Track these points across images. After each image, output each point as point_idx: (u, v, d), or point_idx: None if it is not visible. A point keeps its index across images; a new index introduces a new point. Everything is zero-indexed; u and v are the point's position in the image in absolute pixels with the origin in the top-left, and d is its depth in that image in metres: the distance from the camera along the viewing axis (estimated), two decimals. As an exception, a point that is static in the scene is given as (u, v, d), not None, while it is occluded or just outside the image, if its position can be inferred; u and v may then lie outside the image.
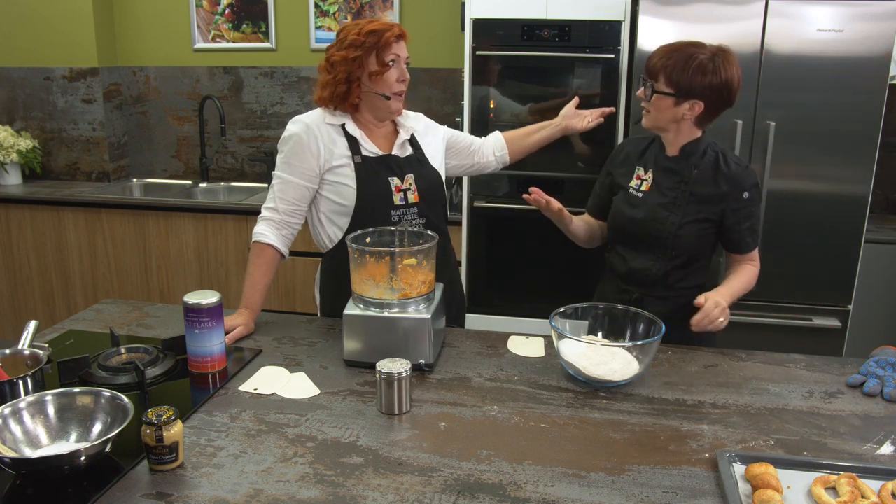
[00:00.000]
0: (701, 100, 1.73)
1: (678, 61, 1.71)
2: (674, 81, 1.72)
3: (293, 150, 1.84)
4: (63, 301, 3.69)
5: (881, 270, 3.01)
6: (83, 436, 1.28)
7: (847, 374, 1.62)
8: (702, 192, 1.81)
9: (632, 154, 1.94)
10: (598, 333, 1.71)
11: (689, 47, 1.73)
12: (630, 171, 1.92)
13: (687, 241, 1.82)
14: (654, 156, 1.88)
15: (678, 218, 1.81)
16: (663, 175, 1.85)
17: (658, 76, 1.75)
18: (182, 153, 4.09)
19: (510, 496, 1.15)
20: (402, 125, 1.97)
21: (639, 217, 1.85)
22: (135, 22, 3.95)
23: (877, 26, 2.67)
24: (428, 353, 1.58)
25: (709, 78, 1.70)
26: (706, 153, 1.82)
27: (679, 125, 1.80)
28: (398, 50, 1.83)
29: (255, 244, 1.85)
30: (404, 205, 1.88)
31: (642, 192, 1.87)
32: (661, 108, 1.77)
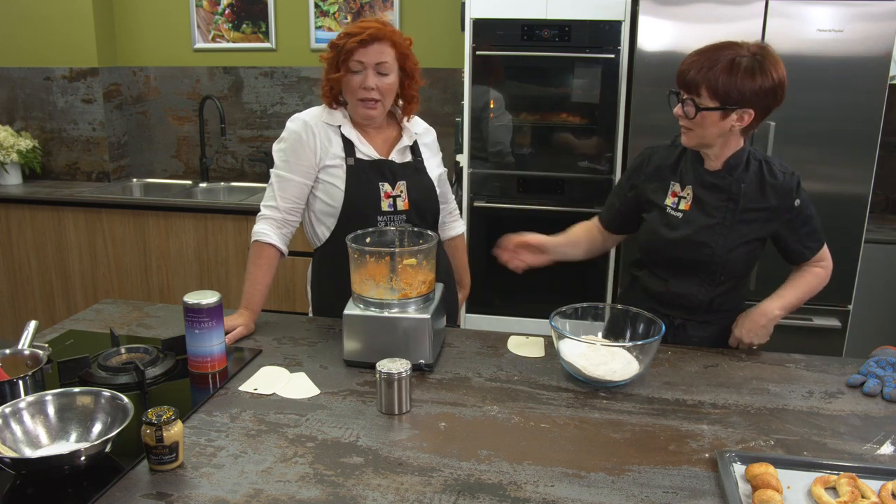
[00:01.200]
0: (751, 107, 1.57)
1: (720, 69, 1.53)
2: (720, 93, 1.54)
3: (292, 148, 1.84)
4: (63, 301, 3.69)
5: (881, 270, 3.01)
6: (83, 436, 1.27)
7: (847, 374, 1.62)
8: (751, 209, 1.66)
9: (663, 167, 1.75)
10: (598, 333, 1.70)
11: (726, 50, 1.55)
12: (663, 187, 1.74)
13: (736, 264, 1.69)
14: (692, 170, 1.70)
15: (728, 241, 1.67)
16: (707, 192, 1.68)
17: (699, 89, 1.55)
18: (182, 153, 4.09)
19: (510, 496, 1.15)
20: (407, 130, 1.93)
21: (680, 239, 1.68)
22: (135, 22, 3.95)
23: (877, 26, 2.67)
24: (428, 353, 1.58)
25: (759, 81, 1.54)
26: (749, 163, 1.67)
27: (726, 138, 1.63)
28: (364, 56, 1.75)
29: (256, 243, 1.85)
30: (392, 211, 1.85)
31: (682, 211, 1.69)
32: (707, 125, 1.59)
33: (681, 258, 1.71)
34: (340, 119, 1.87)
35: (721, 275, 1.71)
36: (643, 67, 2.85)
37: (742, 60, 1.54)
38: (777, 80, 1.57)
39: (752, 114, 1.58)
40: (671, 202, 1.72)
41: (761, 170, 1.68)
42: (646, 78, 2.86)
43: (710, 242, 1.68)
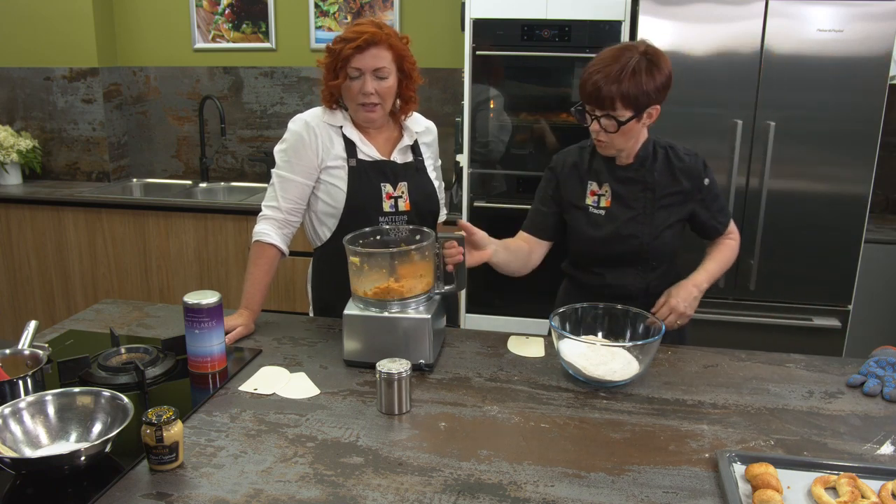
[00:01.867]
0: (657, 103, 1.67)
1: (626, 79, 1.59)
2: (631, 101, 1.62)
3: (294, 148, 1.84)
4: (63, 301, 3.69)
5: (881, 270, 3.01)
6: (83, 436, 1.28)
7: (847, 374, 1.61)
8: (667, 195, 1.76)
9: (578, 169, 1.81)
10: (598, 333, 1.70)
11: (621, 59, 1.61)
12: (580, 187, 1.81)
13: (664, 248, 1.79)
14: (606, 168, 1.78)
15: (652, 229, 1.76)
16: (623, 187, 1.76)
17: (614, 104, 1.62)
18: (182, 153, 4.09)
19: (510, 496, 1.15)
20: (408, 129, 1.93)
21: (608, 236, 1.77)
22: (135, 22, 3.95)
23: (877, 26, 2.67)
24: (428, 353, 1.58)
25: (658, 79, 1.63)
26: (656, 152, 1.77)
27: (638, 138, 1.74)
28: (361, 62, 1.75)
29: (257, 243, 1.85)
30: (394, 212, 1.86)
31: (603, 208, 1.78)
32: (627, 132, 1.68)
33: (612, 253, 1.79)
34: (342, 120, 1.87)
35: (652, 261, 1.80)
36: (643, 67, 2.85)
37: (640, 63, 1.61)
38: (669, 71, 1.66)
39: (658, 109, 1.69)
40: (591, 201, 1.80)
41: (668, 156, 1.77)
42: (646, 78, 2.85)
43: (637, 233, 1.76)
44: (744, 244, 2.89)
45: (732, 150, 2.82)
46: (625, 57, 1.61)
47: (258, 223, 1.87)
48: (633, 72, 1.60)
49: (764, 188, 2.83)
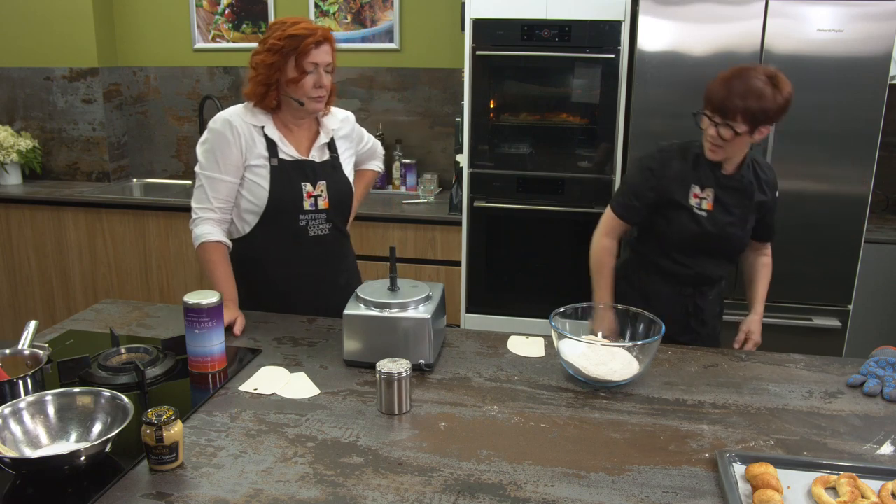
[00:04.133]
0: (773, 123, 1.82)
1: (752, 98, 1.75)
2: (751, 117, 1.76)
3: (220, 148, 1.88)
4: (63, 301, 3.69)
5: (881, 270, 3.01)
6: (83, 436, 1.28)
7: (847, 374, 1.61)
8: (755, 202, 1.95)
9: (684, 172, 1.94)
10: (598, 333, 1.70)
11: (752, 78, 1.77)
12: (685, 189, 1.93)
13: (745, 246, 2.03)
14: (711, 174, 1.92)
15: (742, 232, 1.96)
16: (725, 193, 1.92)
17: (735, 117, 1.77)
18: (182, 153, 4.09)
19: (510, 496, 1.15)
20: (324, 126, 2.00)
21: (709, 235, 1.92)
22: (135, 22, 3.95)
23: (877, 26, 2.67)
24: (428, 353, 1.58)
25: (778, 101, 1.77)
26: (749, 164, 1.94)
27: (745, 149, 1.90)
28: (317, 57, 1.83)
29: (205, 244, 1.89)
30: (313, 210, 1.94)
31: (705, 210, 1.92)
32: (739, 143, 1.83)
33: (709, 248, 1.96)
34: (263, 119, 1.91)
35: (734, 255, 2.04)
36: (643, 67, 2.85)
37: (766, 88, 1.77)
38: (789, 96, 1.80)
39: (770, 128, 1.85)
40: (694, 202, 1.93)
41: (755, 168, 1.96)
42: (646, 78, 2.86)
43: (735, 235, 1.96)
44: (744, 244, 2.91)
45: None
46: (752, 76, 1.78)
47: (196, 226, 1.91)
48: (759, 93, 1.76)
49: (764, 188, 2.83)
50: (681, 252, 1.98)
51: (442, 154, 3.82)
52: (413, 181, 3.74)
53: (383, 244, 3.30)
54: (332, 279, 2.02)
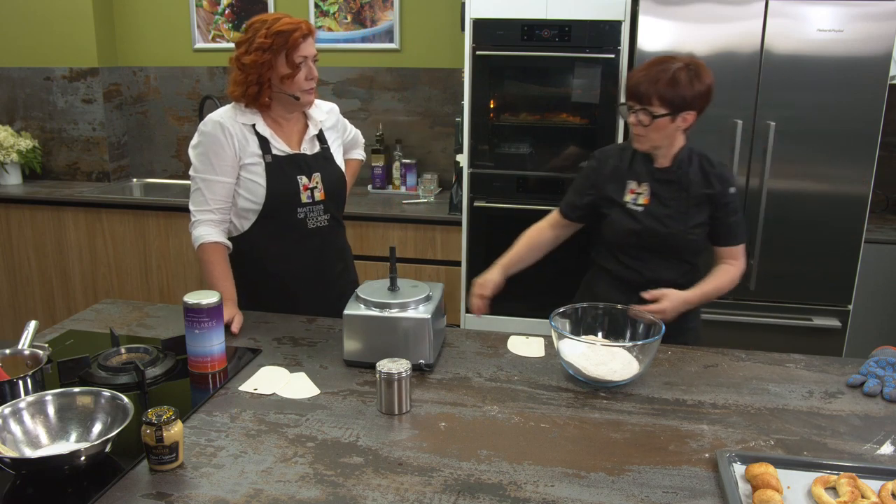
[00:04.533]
0: (693, 109, 1.81)
1: (666, 80, 1.77)
2: (667, 100, 1.77)
3: (213, 150, 1.88)
4: (63, 301, 3.69)
5: (881, 270, 3.01)
6: (83, 436, 1.28)
7: (847, 374, 1.61)
8: (698, 196, 1.88)
9: (620, 168, 1.95)
10: (598, 333, 1.70)
11: (666, 63, 1.80)
12: (621, 186, 1.93)
13: (694, 245, 1.91)
14: (645, 168, 1.91)
15: (684, 225, 1.88)
16: (660, 186, 1.90)
17: (651, 100, 1.78)
18: (182, 153, 4.09)
19: (510, 496, 1.15)
20: (312, 119, 2.01)
21: (645, 229, 1.89)
22: (135, 22, 3.94)
23: (877, 26, 2.67)
24: (428, 353, 1.58)
25: (696, 87, 1.78)
26: (692, 158, 1.90)
27: (672, 139, 1.86)
28: (306, 50, 1.86)
29: (204, 245, 1.89)
30: (311, 202, 1.96)
31: (641, 205, 1.90)
32: (660, 128, 1.81)
33: (646, 245, 1.92)
34: (252, 118, 1.92)
35: (684, 254, 1.93)
36: (643, 67, 2.85)
37: (682, 72, 1.78)
38: (709, 84, 1.82)
39: (694, 115, 1.83)
40: (630, 199, 1.92)
41: (702, 162, 1.91)
42: (646, 78, 2.85)
43: (673, 228, 1.89)
44: (744, 244, 2.91)
45: (732, 150, 2.82)
46: (668, 62, 1.80)
47: (195, 228, 1.90)
48: (674, 74, 1.77)
49: (764, 188, 2.83)
50: (627, 254, 1.95)
51: (442, 154, 3.82)
52: (413, 181, 3.74)
53: (383, 244, 3.30)
54: (331, 270, 2.03)
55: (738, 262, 1.96)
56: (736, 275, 1.96)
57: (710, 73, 1.82)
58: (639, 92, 1.80)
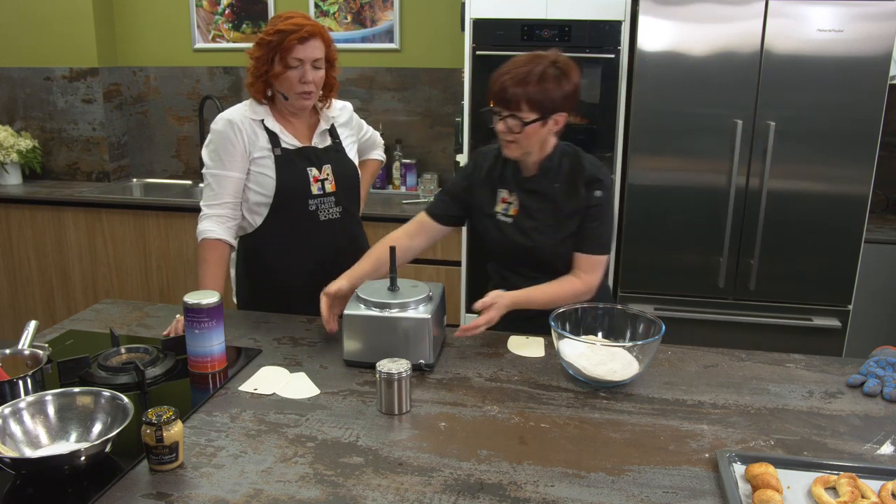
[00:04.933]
0: (564, 111, 1.70)
1: (533, 83, 1.64)
2: (537, 104, 1.65)
3: (223, 147, 1.91)
4: (63, 301, 3.69)
5: (881, 270, 3.01)
6: (83, 436, 1.28)
7: (847, 374, 1.61)
8: (567, 205, 1.76)
9: (493, 174, 1.84)
10: (598, 333, 1.70)
11: (532, 63, 1.66)
12: (492, 194, 1.84)
13: (569, 257, 1.79)
14: (513, 177, 1.81)
15: (554, 238, 1.78)
16: (528, 197, 1.79)
17: (520, 105, 1.66)
18: (182, 153, 4.09)
19: (510, 496, 1.15)
20: (324, 115, 2.02)
21: (513, 243, 1.81)
22: (135, 22, 3.94)
23: (877, 26, 2.67)
24: (428, 353, 1.58)
25: (565, 87, 1.67)
26: (562, 161, 1.78)
27: (544, 143, 1.75)
28: (303, 53, 1.84)
29: (206, 241, 1.90)
30: (322, 194, 1.98)
31: (511, 216, 1.81)
32: (531, 135, 1.69)
33: (519, 258, 1.84)
34: (263, 113, 1.94)
35: (558, 266, 1.80)
36: (643, 67, 2.85)
37: (549, 71, 1.66)
38: (577, 81, 1.71)
39: (564, 117, 1.71)
40: (501, 209, 1.83)
41: (573, 166, 1.77)
42: (646, 78, 2.86)
43: (540, 242, 1.79)
44: (744, 244, 2.91)
45: (732, 150, 2.82)
46: (534, 62, 1.66)
47: (202, 222, 1.92)
48: (539, 76, 1.65)
49: (764, 188, 2.83)
50: (506, 267, 1.88)
51: (442, 154, 3.82)
52: (413, 181, 3.74)
53: (383, 244, 3.30)
54: (345, 263, 2.02)
55: (589, 276, 1.77)
56: (580, 289, 1.77)
57: (577, 69, 1.70)
58: (505, 97, 1.66)
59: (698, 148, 2.87)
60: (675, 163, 2.90)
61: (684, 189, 2.91)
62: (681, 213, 2.94)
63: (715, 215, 2.90)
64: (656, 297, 3.03)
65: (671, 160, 2.90)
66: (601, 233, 1.78)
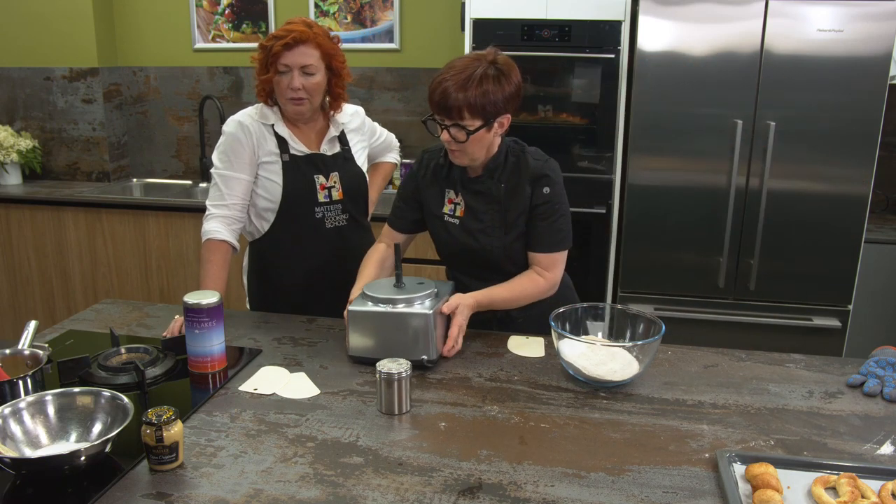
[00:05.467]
0: (507, 112, 1.66)
1: (473, 88, 1.58)
2: (479, 110, 1.60)
3: (232, 148, 1.91)
4: (63, 301, 3.69)
5: (881, 270, 3.01)
6: (83, 436, 1.28)
7: (847, 374, 1.61)
8: (514, 205, 1.73)
9: (438, 175, 1.81)
10: (598, 333, 1.70)
11: (469, 68, 1.60)
12: (440, 195, 1.81)
13: (521, 257, 1.78)
14: (459, 178, 1.78)
15: (503, 240, 1.75)
16: (474, 198, 1.76)
17: (462, 112, 1.59)
18: (182, 153, 4.09)
19: (510, 496, 1.15)
20: (334, 121, 2.02)
21: (462, 245, 1.78)
22: (135, 22, 3.94)
23: (877, 26, 2.67)
24: (431, 348, 1.59)
25: (507, 88, 1.62)
26: (507, 159, 1.74)
27: (491, 147, 1.71)
28: (290, 59, 1.83)
29: (210, 241, 1.90)
30: (328, 202, 1.98)
31: (458, 217, 1.78)
32: (477, 141, 1.65)
33: (468, 260, 1.81)
34: (273, 118, 1.94)
35: (509, 267, 1.78)
36: (643, 67, 2.85)
37: (488, 73, 1.60)
38: (519, 80, 1.65)
39: (509, 118, 1.67)
40: (448, 209, 1.81)
41: (518, 164, 1.73)
42: (646, 78, 2.86)
43: (487, 244, 1.76)
44: (744, 244, 2.91)
45: (732, 150, 2.82)
46: (472, 66, 1.60)
47: (207, 222, 1.92)
48: (479, 80, 1.59)
49: (764, 188, 2.83)
50: (457, 269, 1.86)
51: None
52: (413, 181, 3.74)
53: (383, 244, 3.30)
54: (352, 270, 2.03)
55: (550, 272, 1.75)
56: (542, 286, 1.75)
57: (516, 67, 1.65)
58: (447, 106, 1.59)
59: (698, 148, 2.87)
60: (675, 163, 2.90)
61: (684, 189, 2.91)
62: (681, 213, 2.94)
63: (715, 215, 2.90)
64: (656, 297, 3.03)
65: (671, 160, 2.90)
66: (556, 228, 1.74)
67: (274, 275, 2.02)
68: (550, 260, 1.76)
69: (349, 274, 2.02)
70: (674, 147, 2.89)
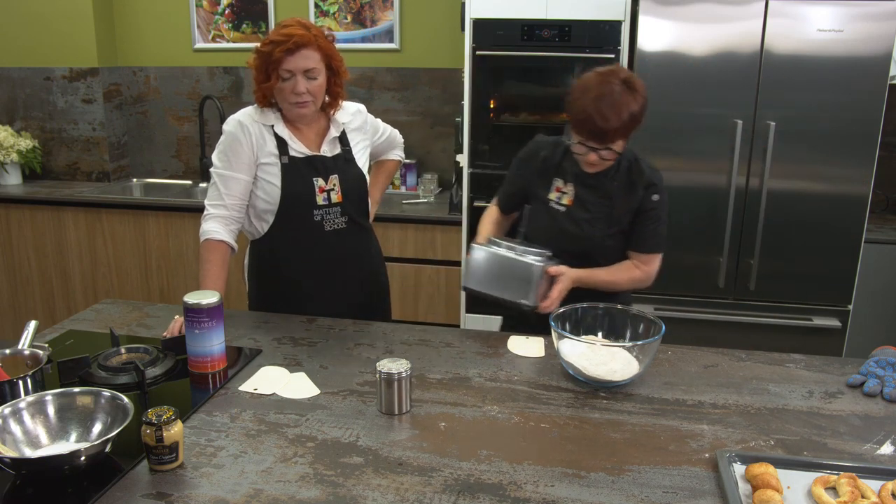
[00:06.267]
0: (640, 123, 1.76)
1: (624, 113, 1.67)
2: (627, 133, 1.73)
3: (231, 148, 1.90)
4: (63, 301, 3.69)
5: (881, 270, 3.01)
6: (83, 436, 1.28)
7: (847, 374, 1.61)
8: (622, 203, 1.84)
9: (549, 163, 1.91)
10: (598, 333, 1.70)
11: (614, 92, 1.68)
12: (548, 182, 1.90)
13: (613, 251, 1.88)
14: (572, 169, 1.87)
15: (603, 232, 1.85)
16: (586, 191, 1.86)
17: (615, 139, 1.72)
18: (182, 153, 4.09)
19: (510, 496, 1.15)
20: (334, 121, 2.00)
21: (563, 230, 1.87)
22: (135, 22, 3.95)
23: (877, 26, 2.67)
24: (531, 295, 1.72)
25: (639, 105, 1.71)
26: (621, 162, 1.84)
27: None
28: (292, 64, 1.81)
29: (208, 241, 1.89)
30: (327, 205, 1.96)
31: (564, 205, 1.87)
32: (615, 154, 1.77)
33: (562, 247, 1.86)
34: (272, 119, 1.93)
35: (598, 258, 1.88)
36: (643, 67, 2.85)
37: (625, 95, 1.68)
38: (645, 96, 1.74)
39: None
40: (555, 196, 1.90)
41: (630, 168, 1.85)
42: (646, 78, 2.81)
43: (589, 233, 1.86)
44: (744, 244, 2.92)
45: (732, 150, 2.82)
46: (609, 84, 1.68)
47: (205, 222, 1.91)
48: (626, 105, 1.68)
49: (764, 188, 2.83)
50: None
51: (442, 154, 3.82)
52: (413, 181, 3.74)
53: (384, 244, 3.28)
54: (353, 273, 2.03)
55: (646, 267, 1.89)
56: (638, 276, 1.88)
57: (640, 80, 1.74)
58: (602, 133, 1.69)
59: (698, 148, 2.87)
60: (675, 163, 2.90)
61: (684, 189, 2.91)
62: (681, 213, 2.94)
63: (715, 215, 2.90)
64: (656, 297, 3.02)
65: (671, 160, 2.90)
66: (659, 233, 1.88)
67: (273, 275, 2.01)
68: (649, 260, 1.89)
69: (349, 276, 2.02)
70: (674, 147, 2.89)
